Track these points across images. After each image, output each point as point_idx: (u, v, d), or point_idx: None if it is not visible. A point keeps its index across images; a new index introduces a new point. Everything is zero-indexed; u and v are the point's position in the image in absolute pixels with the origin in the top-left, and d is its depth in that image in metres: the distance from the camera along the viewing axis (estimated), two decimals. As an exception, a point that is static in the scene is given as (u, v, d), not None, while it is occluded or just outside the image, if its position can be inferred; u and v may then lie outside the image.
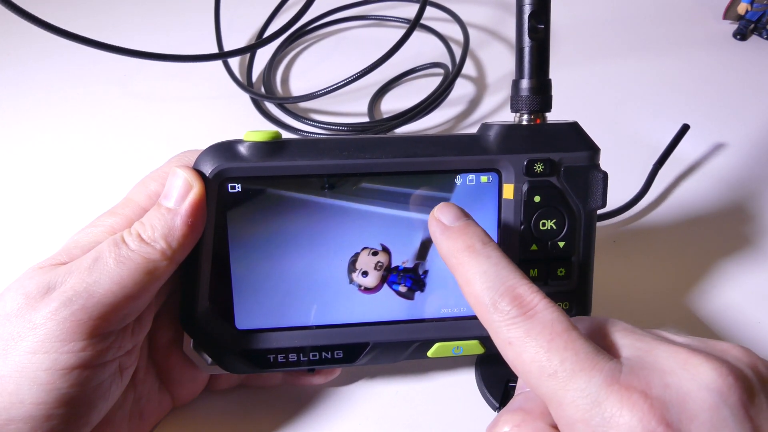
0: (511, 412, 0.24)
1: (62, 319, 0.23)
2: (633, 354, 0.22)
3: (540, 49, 0.30)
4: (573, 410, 0.21)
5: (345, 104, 0.57)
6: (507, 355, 0.23)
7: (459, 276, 0.25)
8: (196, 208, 0.27)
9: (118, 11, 0.72)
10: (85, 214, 0.31)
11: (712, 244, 0.43)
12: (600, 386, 0.21)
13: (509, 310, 0.23)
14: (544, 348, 0.22)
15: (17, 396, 0.23)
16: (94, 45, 0.43)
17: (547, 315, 0.23)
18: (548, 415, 0.23)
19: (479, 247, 0.25)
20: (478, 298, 0.24)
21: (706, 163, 0.50)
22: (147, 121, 0.55)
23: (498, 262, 0.24)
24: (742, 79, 0.61)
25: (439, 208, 0.27)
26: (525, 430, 0.23)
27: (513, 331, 0.23)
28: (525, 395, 0.25)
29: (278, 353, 0.30)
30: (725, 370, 0.21)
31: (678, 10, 0.72)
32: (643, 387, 0.20)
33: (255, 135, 0.28)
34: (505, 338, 0.23)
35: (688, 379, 0.21)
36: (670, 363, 0.21)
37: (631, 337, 0.23)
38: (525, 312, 0.23)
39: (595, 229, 0.31)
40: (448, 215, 0.27)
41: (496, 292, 0.23)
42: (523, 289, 0.23)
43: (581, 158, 0.30)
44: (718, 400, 0.20)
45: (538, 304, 0.23)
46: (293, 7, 0.63)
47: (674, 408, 0.20)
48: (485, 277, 0.24)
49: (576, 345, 0.22)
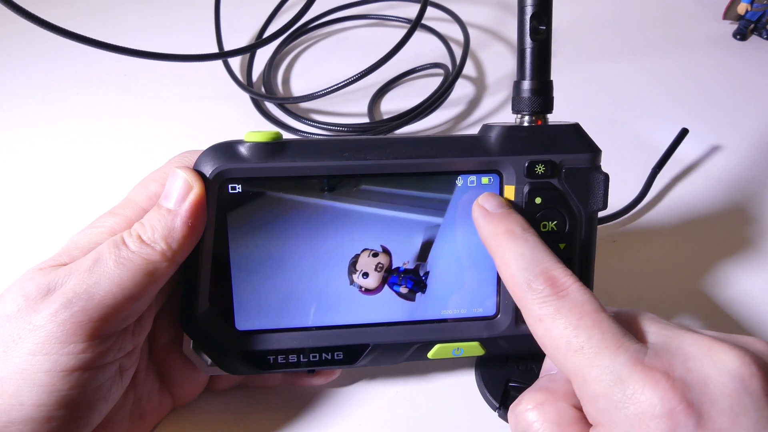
0: (534, 392, 0.25)
1: (62, 320, 0.23)
2: (659, 340, 0.23)
3: (541, 50, 0.29)
4: (596, 386, 0.22)
5: (345, 104, 0.57)
6: (536, 332, 0.24)
7: (497, 257, 0.27)
8: (196, 209, 0.27)
9: (119, 11, 0.72)
10: (85, 214, 0.31)
11: (712, 245, 0.43)
12: (624, 365, 0.21)
13: (542, 289, 0.24)
14: (573, 325, 0.23)
15: (17, 398, 0.23)
16: (94, 44, 0.43)
17: (578, 296, 0.24)
18: (571, 396, 0.24)
19: (519, 232, 0.27)
20: (514, 278, 0.25)
21: (706, 164, 0.50)
22: (147, 121, 0.55)
23: (535, 246, 0.26)
24: (741, 80, 0.61)
25: (483, 197, 0.29)
26: (548, 409, 0.24)
27: (544, 309, 0.24)
28: (549, 377, 0.26)
29: (278, 354, 0.30)
30: (748, 359, 0.21)
31: (678, 11, 0.72)
32: (666, 368, 0.21)
33: (255, 136, 0.28)
34: (536, 315, 0.24)
35: (711, 365, 0.21)
36: (694, 349, 0.22)
37: (657, 325, 0.24)
38: (557, 292, 0.24)
39: (595, 230, 0.30)
40: (492, 202, 0.28)
41: (531, 272, 0.25)
42: (558, 271, 0.25)
43: (582, 160, 0.29)
44: (740, 387, 0.20)
45: (571, 286, 0.24)
46: (293, 7, 0.63)
47: (696, 390, 0.21)
48: (522, 258, 0.25)
49: (603, 325, 0.23)
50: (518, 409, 0.25)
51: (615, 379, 0.21)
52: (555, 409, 0.24)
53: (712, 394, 0.20)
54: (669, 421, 0.20)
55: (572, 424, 0.23)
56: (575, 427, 0.23)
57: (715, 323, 0.37)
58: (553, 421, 0.23)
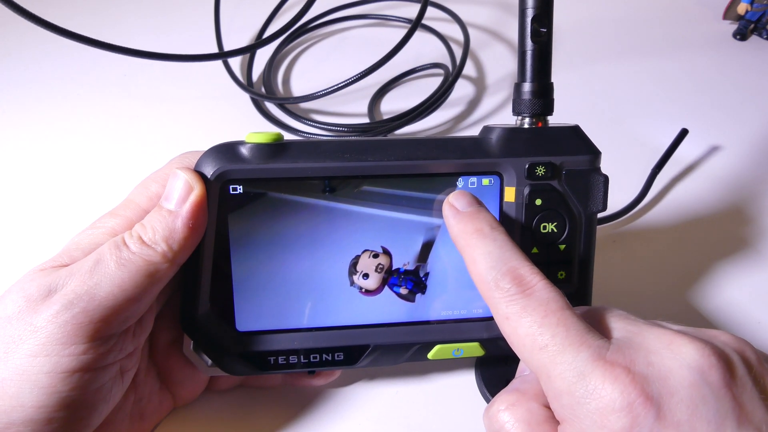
0: (507, 393, 0.25)
1: (63, 322, 0.23)
2: (623, 335, 0.24)
3: (542, 52, 0.30)
4: (560, 382, 0.22)
5: (345, 104, 0.57)
6: (504, 330, 0.25)
7: (466, 256, 0.27)
8: (197, 209, 0.27)
9: (119, 11, 0.72)
10: (85, 215, 0.31)
11: (711, 245, 0.43)
12: (586, 361, 0.22)
13: (509, 288, 0.24)
14: (538, 323, 0.23)
15: (18, 399, 0.23)
16: (94, 44, 0.43)
17: (544, 294, 0.24)
18: (542, 395, 0.24)
19: (487, 231, 0.26)
20: (482, 276, 0.25)
21: (705, 164, 0.50)
22: (147, 122, 0.55)
23: (503, 245, 0.26)
24: (741, 80, 0.61)
25: (454, 195, 0.29)
26: (519, 409, 0.24)
27: (511, 307, 0.24)
28: (522, 378, 0.26)
29: (278, 355, 0.30)
30: (708, 351, 0.22)
31: (678, 11, 0.72)
32: (626, 363, 0.22)
33: (256, 137, 0.28)
34: (503, 313, 0.24)
35: (671, 358, 0.22)
36: (656, 343, 0.22)
37: (624, 321, 0.24)
38: (524, 290, 0.24)
39: (595, 232, 0.31)
40: (462, 201, 0.28)
41: (499, 271, 0.25)
42: (525, 270, 0.25)
43: (582, 162, 0.30)
44: (699, 378, 0.21)
45: (537, 284, 0.24)
46: (293, 7, 0.63)
47: (655, 383, 0.21)
48: (490, 257, 0.25)
49: (568, 322, 0.23)
50: (491, 411, 0.25)
51: (577, 375, 0.22)
52: (526, 409, 0.24)
53: (671, 386, 0.21)
54: (629, 415, 0.20)
55: (542, 423, 0.24)
56: (545, 425, 0.24)
57: (714, 323, 0.38)
58: (525, 420, 0.24)
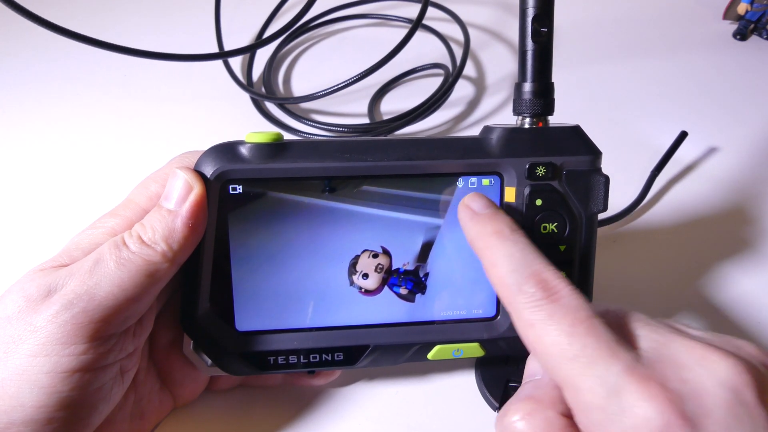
0: (521, 401, 0.24)
1: (63, 322, 0.23)
2: (650, 346, 0.22)
3: (543, 52, 0.29)
4: (590, 396, 0.21)
5: (345, 104, 0.57)
6: (527, 337, 0.23)
7: (485, 259, 0.26)
8: (196, 209, 0.27)
9: (119, 10, 0.72)
10: (85, 215, 0.31)
11: (711, 245, 0.43)
12: (619, 375, 0.21)
13: (534, 292, 0.23)
14: (567, 332, 0.22)
15: (18, 399, 0.23)
16: (94, 44, 0.43)
17: (571, 301, 0.23)
18: (558, 403, 0.23)
19: (507, 233, 0.26)
20: (503, 280, 0.24)
21: (705, 165, 0.50)
22: (147, 121, 0.55)
23: (524, 248, 0.25)
24: (741, 80, 0.61)
25: (470, 197, 0.28)
26: (536, 419, 0.23)
27: (536, 314, 0.23)
28: (534, 383, 0.25)
29: (278, 355, 0.30)
30: (742, 367, 0.21)
31: (677, 11, 0.72)
32: (661, 379, 0.21)
33: (256, 136, 0.28)
34: (527, 320, 0.23)
35: (704, 375, 0.21)
36: (687, 358, 0.21)
37: (647, 328, 0.23)
38: (550, 296, 0.23)
39: (596, 232, 0.31)
40: (479, 203, 0.28)
41: (522, 275, 0.24)
42: (549, 274, 0.24)
43: (583, 162, 0.29)
44: (734, 398, 0.20)
45: (563, 290, 0.23)
46: (293, 7, 0.63)
47: (690, 402, 0.20)
48: (512, 260, 0.24)
49: (598, 332, 0.22)
50: (506, 420, 0.24)
51: (610, 390, 0.21)
52: (544, 419, 0.23)
53: (707, 406, 0.20)
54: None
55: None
56: None
57: (713, 324, 0.38)
58: (543, 430, 0.23)
